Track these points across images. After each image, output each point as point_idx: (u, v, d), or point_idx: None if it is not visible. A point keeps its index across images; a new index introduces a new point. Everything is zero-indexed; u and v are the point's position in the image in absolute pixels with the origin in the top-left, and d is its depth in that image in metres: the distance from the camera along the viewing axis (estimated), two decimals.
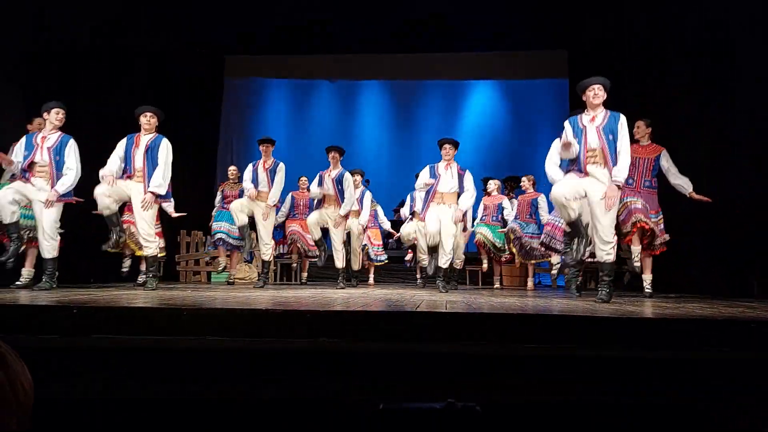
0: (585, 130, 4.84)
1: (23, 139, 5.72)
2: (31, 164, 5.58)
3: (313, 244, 7.56)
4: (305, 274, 9.04)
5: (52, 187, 5.52)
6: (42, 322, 3.15)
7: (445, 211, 6.45)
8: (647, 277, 5.93)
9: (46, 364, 2.64)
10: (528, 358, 2.69)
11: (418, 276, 8.85)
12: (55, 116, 5.67)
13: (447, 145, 6.59)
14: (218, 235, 8.08)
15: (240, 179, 7.90)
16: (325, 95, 13.39)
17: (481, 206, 8.27)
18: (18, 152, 5.69)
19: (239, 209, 6.90)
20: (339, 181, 7.07)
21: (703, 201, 5.72)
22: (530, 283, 8.04)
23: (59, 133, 5.72)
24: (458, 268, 7.91)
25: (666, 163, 5.87)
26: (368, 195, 8.20)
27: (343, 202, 7.01)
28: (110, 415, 2.35)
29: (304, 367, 2.64)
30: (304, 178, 8.44)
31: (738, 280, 6.46)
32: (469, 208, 6.74)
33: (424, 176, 6.63)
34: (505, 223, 8.03)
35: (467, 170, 6.62)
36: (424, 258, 7.50)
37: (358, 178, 8.12)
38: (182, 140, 9.62)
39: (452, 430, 1.20)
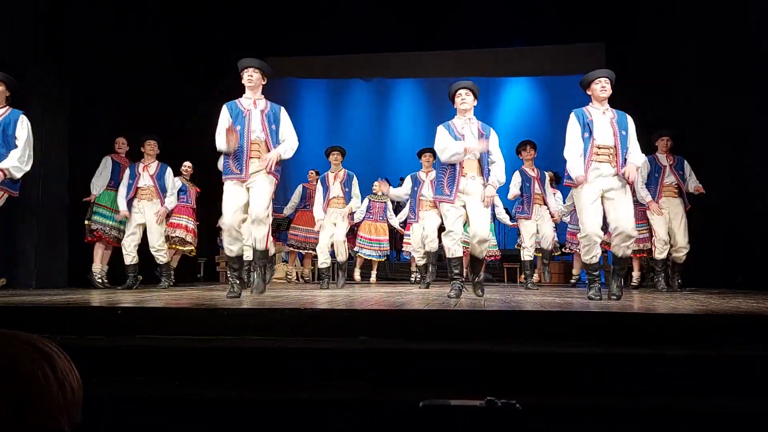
0: (595, 124, 4.49)
1: (127, 170, 6.65)
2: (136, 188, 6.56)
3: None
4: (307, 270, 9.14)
5: (161, 204, 6.57)
6: (88, 323, 3.24)
7: (472, 187, 4.71)
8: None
9: (92, 364, 2.70)
10: (569, 357, 2.66)
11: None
12: (149, 147, 6.68)
13: (463, 91, 4.83)
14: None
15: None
16: (360, 94, 13.42)
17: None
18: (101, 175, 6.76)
19: None
20: (347, 183, 6.92)
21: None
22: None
23: (157, 162, 6.71)
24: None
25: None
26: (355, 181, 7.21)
27: (349, 202, 6.85)
28: (153, 414, 2.40)
29: (343, 365, 2.65)
30: (314, 172, 8.55)
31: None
32: (500, 183, 4.83)
33: (446, 140, 4.75)
34: None
35: (491, 129, 4.90)
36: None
37: (339, 156, 7.13)
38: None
39: (493, 427, 1.20)
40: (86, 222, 6.71)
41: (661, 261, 6.35)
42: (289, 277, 9.01)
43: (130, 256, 6.51)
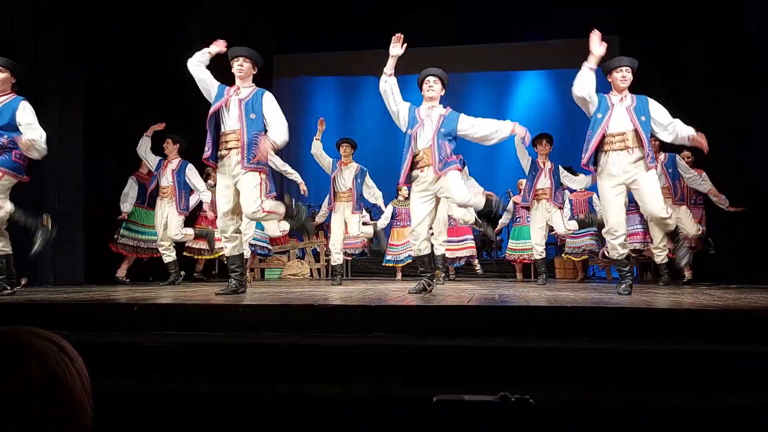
0: (611, 110, 4.41)
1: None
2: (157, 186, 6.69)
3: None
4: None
5: (177, 205, 6.54)
6: (104, 319, 3.27)
7: (427, 182, 4.65)
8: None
9: (109, 360, 2.73)
10: (583, 353, 2.65)
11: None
12: (167, 145, 6.73)
13: (431, 78, 4.84)
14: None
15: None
16: (372, 91, 13.37)
17: (510, 204, 8.06)
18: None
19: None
20: (360, 176, 6.88)
21: (738, 211, 6.30)
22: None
23: (179, 159, 6.72)
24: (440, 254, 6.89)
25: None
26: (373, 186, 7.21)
27: (359, 198, 6.81)
28: (168, 410, 2.42)
29: (356, 361, 2.67)
30: None
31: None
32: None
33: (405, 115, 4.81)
34: None
35: (460, 115, 4.81)
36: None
37: (348, 149, 7.10)
38: None
39: (506, 422, 1.20)
40: (115, 236, 6.98)
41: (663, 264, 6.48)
42: (302, 274, 9.06)
43: (168, 256, 6.63)
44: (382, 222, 8.30)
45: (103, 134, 7.19)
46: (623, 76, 4.49)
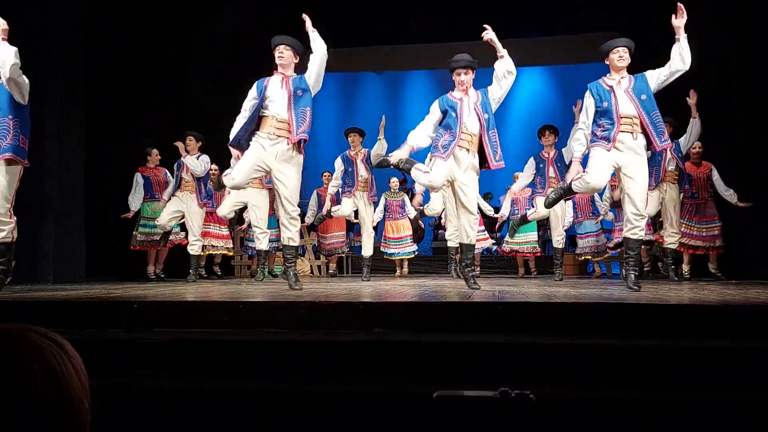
0: (614, 92, 4.42)
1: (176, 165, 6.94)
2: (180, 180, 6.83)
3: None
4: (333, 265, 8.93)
5: (198, 200, 6.72)
6: (106, 316, 3.27)
7: (465, 162, 4.61)
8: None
9: (110, 357, 2.73)
10: (583, 348, 2.66)
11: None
12: (189, 143, 6.80)
13: (462, 70, 4.83)
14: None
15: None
16: (372, 87, 13.39)
17: (508, 199, 8.01)
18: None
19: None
20: (368, 160, 6.88)
21: (747, 206, 6.33)
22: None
23: (198, 153, 6.82)
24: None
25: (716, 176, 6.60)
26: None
27: (372, 185, 6.94)
28: (170, 406, 2.42)
29: (358, 357, 2.67)
30: (328, 174, 8.07)
31: None
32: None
33: (433, 119, 4.88)
34: None
35: (486, 89, 4.92)
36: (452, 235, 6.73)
37: (357, 137, 7.17)
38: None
39: (507, 418, 1.20)
40: (134, 233, 7.03)
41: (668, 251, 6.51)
42: (302, 271, 9.03)
43: (193, 247, 6.76)
44: (377, 216, 8.25)
45: (105, 131, 7.19)
46: (620, 56, 4.52)
